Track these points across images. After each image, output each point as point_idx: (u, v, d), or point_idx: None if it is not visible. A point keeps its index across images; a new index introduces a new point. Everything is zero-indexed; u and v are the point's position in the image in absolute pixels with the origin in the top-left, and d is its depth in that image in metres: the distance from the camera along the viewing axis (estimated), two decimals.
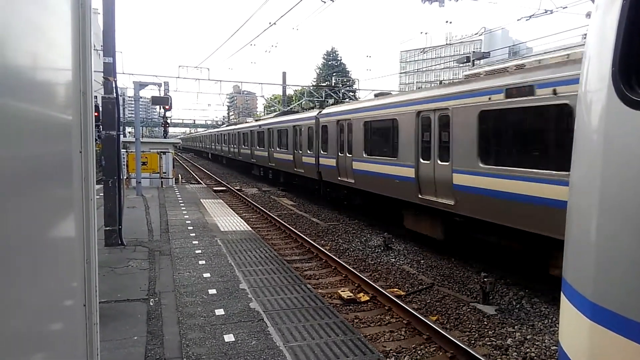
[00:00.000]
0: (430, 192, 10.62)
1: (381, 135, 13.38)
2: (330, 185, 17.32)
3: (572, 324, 1.85)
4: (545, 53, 9.25)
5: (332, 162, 16.28)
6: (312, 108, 29.54)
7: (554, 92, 7.20)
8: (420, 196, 10.97)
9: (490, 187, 8.63)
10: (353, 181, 14.74)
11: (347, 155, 15.06)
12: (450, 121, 9.81)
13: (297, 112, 28.00)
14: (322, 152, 17.38)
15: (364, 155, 13.88)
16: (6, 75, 1.41)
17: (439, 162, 10.28)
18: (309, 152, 18.67)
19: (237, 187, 25.06)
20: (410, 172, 11.32)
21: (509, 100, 8.14)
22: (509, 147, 8.78)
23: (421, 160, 10.99)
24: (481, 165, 8.89)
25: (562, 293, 1.97)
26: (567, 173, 1.96)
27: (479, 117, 8.89)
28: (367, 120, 13.69)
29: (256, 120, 32.57)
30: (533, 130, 8.30)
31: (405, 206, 12.13)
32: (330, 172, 16.66)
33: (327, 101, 35.46)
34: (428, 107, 10.73)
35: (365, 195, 14.43)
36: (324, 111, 17.84)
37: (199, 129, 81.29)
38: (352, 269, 9.39)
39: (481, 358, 5.58)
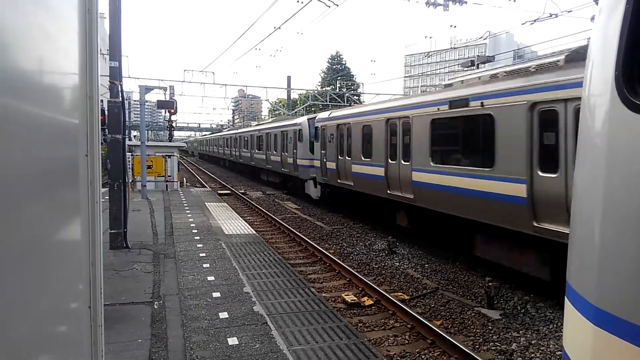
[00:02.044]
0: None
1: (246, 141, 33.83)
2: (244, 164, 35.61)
3: (576, 329, 1.84)
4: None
5: (247, 154, 33.27)
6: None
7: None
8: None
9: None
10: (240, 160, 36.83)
11: (258, 151, 29.67)
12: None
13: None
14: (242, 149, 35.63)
15: (244, 149, 34.30)
16: (13, 79, 1.43)
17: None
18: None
19: (242, 191, 25.11)
20: (251, 156, 31.62)
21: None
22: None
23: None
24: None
25: (565, 297, 1.96)
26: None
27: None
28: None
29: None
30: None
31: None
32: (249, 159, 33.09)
33: (330, 105, 35.60)
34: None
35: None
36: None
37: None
38: (356, 273, 9.38)
39: None
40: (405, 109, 11.72)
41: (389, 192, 12.50)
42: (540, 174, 7.68)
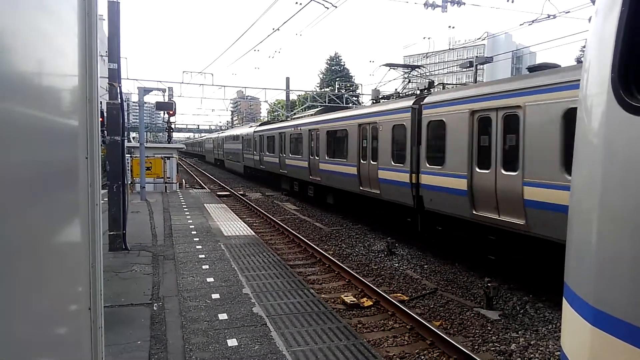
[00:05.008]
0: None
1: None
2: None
3: (574, 329, 1.85)
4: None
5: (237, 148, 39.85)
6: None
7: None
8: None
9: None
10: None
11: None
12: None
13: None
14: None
15: (224, 148, 44.16)
16: (14, 81, 1.44)
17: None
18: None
19: (241, 192, 25.11)
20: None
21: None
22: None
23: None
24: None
25: (563, 298, 1.97)
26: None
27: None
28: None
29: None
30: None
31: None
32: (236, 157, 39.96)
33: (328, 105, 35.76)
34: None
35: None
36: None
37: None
38: (355, 274, 9.38)
39: None
40: (286, 128, 22.69)
41: (280, 170, 23.94)
42: (312, 159, 18.71)
